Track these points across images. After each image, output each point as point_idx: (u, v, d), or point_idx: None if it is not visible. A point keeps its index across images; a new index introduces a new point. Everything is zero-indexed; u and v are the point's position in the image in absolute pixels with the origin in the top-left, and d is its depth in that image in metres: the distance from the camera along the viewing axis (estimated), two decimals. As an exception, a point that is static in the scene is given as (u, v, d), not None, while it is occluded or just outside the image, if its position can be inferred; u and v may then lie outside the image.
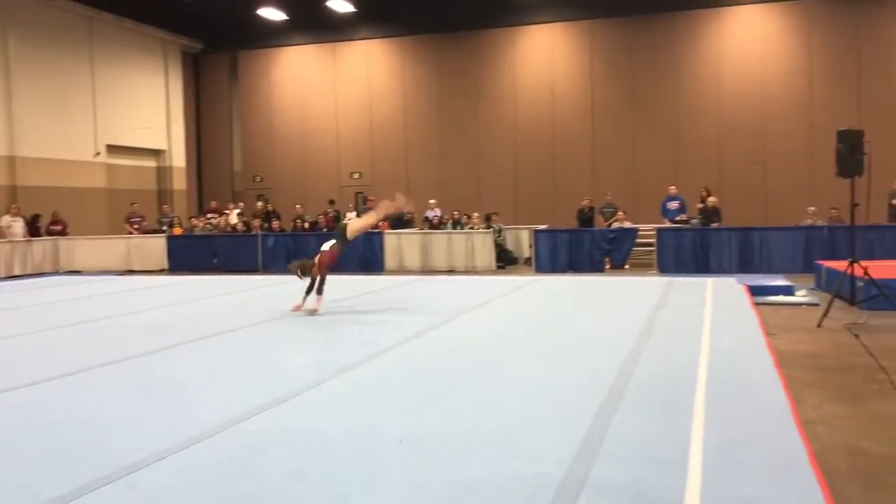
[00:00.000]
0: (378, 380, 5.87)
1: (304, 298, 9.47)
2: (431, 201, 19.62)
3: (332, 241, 9.67)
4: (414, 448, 4.16)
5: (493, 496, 3.47)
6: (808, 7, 20.21)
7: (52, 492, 3.63)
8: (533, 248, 16.12)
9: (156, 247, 18.19)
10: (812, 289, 11.61)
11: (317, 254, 9.60)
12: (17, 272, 17.11)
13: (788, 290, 11.16)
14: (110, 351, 7.25)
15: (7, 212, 17.84)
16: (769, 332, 7.77)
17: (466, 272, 16.00)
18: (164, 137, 23.90)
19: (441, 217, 18.62)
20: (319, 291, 9.39)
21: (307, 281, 9.44)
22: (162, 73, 23.94)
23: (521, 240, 18.44)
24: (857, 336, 7.70)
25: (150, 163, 23.80)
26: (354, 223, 9.80)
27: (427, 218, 18.41)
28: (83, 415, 5.00)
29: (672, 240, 15.03)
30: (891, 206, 16.49)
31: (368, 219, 9.95)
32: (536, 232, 16.16)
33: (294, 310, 9.49)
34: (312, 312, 9.33)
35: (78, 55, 20.96)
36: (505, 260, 17.08)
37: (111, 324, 9.23)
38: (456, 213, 18.52)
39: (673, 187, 17.61)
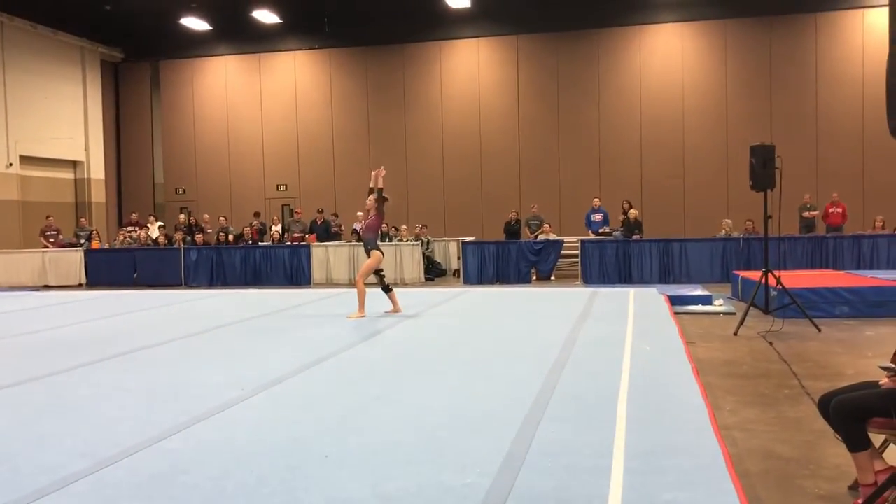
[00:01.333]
0: (302, 394, 5.78)
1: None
2: (359, 213, 19.52)
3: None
4: (339, 463, 4.11)
5: (418, 509, 3.45)
6: (724, 26, 21.00)
7: (-46, 519, 3.45)
8: (461, 259, 16.21)
9: (73, 261, 17.58)
10: (729, 298, 12.01)
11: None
12: (-79, 288, 16.29)
13: (707, 300, 11.51)
14: (20, 370, 6.94)
15: (-90, 225, 16.99)
16: (688, 341, 7.99)
17: (395, 285, 15.93)
18: (82, 148, 23.14)
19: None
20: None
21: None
22: (80, 82, 23.19)
23: (449, 252, 18.52)
24: (770, 343, 8.00)
25: (68, 174, 22.99)
26: (377, 262, 10.31)
27: (355, 230, 18.29)
28: (-9, 437, 4.77)
29: (595, 251, 15.35)
30: (801, 217, 17.23)
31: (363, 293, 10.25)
32: (464, 244, 16.28)
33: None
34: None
35: (-12, 62, 20.15)
36: (433, 272, 17.13)
37: (23, 341, 8.86)
38: (385, 225, 18.46)
39: (597, 200, 18.00)
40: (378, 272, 10.27)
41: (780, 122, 20.20)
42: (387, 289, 10.40)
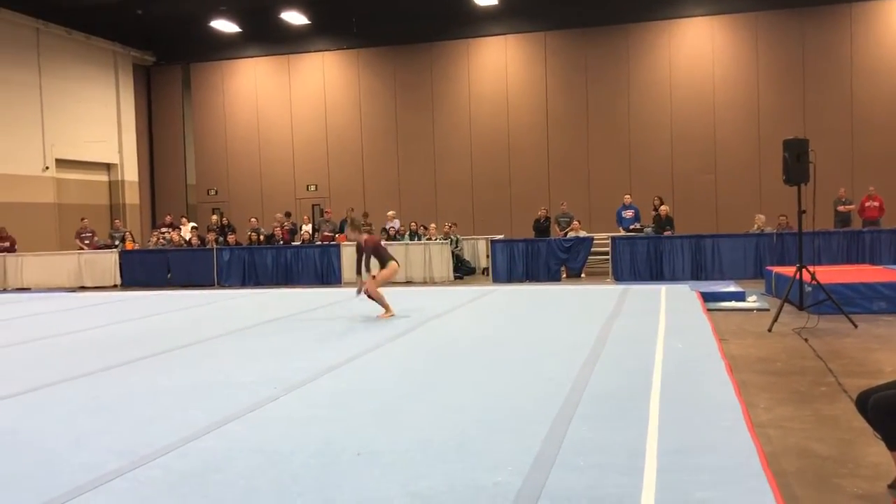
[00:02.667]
0: (334, 393, 5.81)
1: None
2: (390, 213, 19.60)
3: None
4: (370, 461, 4.13)
5: (449, 508, 3.46)
6: (755, 18, 20.73)
7: (-5, 517, 3.52)
8: (490, 258, 16.18)
9: (108, 262, 17.85)
10: (762, 294, 11.85)
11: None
12: (-38, 290, 16.66)
13: (740, 296, 11.37)
14: (58, 370, 7.07)
15: (-49, 229, 17.38)
16: (721, 338, 7.90)
17: (424, 283, 16.00)
18: (116, 151, 23.51)
19: (398, 229, 18.58)
20: (358, 271, 9.84)
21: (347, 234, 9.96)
22: (113, 86, 23.56)
23: (478, 250, 18.51)
24: (805, 340, 7.87)
25: (102, 177, 23.38)
26: (393, 274, 10.17)
27: (385, 229, 18.37)
28: (28, 437, 4.86)
29: (626, 248, 15.23)
30: (836, 212, 16.97)
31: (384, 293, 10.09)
32: (493, 242, 16.24)
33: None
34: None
35: (26, 68, 20.55)
36: (462, 270, 17.12)
37: (60, 342, 9.01)
38: (413, 224, 18.52)
39: (627, 196, 17.87)
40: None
41: (814, 115, 19.90)
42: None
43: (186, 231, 19.64)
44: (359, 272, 9.74)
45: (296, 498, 3.64)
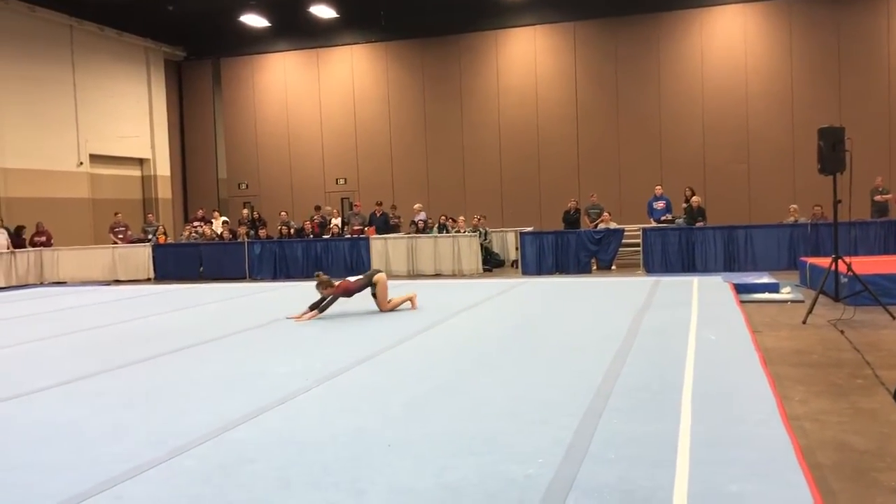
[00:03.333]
0: (365, 385, 5.85)
1: (308, 312, 9.53)
2: (416, 206, 19.62)
3: (360, 276, 9.84)
4: (401, 453, 4.14)
5: (481, 499, 3.46)
6: (788, 6, 20.38)
7: (36, 505, 3.59)
8: (519, 250, 16.14)
9: (141, 256, 18.10)
10: (797, 286, 11.69)
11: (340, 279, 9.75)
12: (1, 284, 16.99)
13: (774, 288, 11.23)
14: (95, 361, 7.19)
15: (-10, 224, 17.74)
16: (755, 330, 7.81)
17: (453, 276, 16.01)
18: (148, 146, 23.81)
19: (427, 221, 18.59)
20: (321, 310, 9.50)
21: (317, 296, 9.59)
22: (145, 82, 23.84)
23: (507, 242, 18.47)
24: (842, 332, 7.76)
25: (135, 172, 23.69)
26: (382, 278, 9.92)
27: (414, 221, 18.40)
28: (67, 427, 4.96)
29: (658, 240, 15.09)
30: (873, 201, 16.66)
31: (392, 301, 10.03)
32: (522, 234, 16.18)
33: (292, 318, 9.53)
34: (295, 318, 9.40)
35: (60, 65, 20.85)
36: (491, 263, 17.10)
37: (96, 334, 9.17)
38: (443, 217, 18.52)
39: (659, 187, 17.69)
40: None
41: (850, 103, 19.53)
42: (315, 306, 9.75)
43: (218, 225, 19.83)
44: (320, 310, 9.63)
45: (328, 488, 3.67)
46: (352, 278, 9.87)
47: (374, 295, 9.89)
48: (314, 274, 9.88)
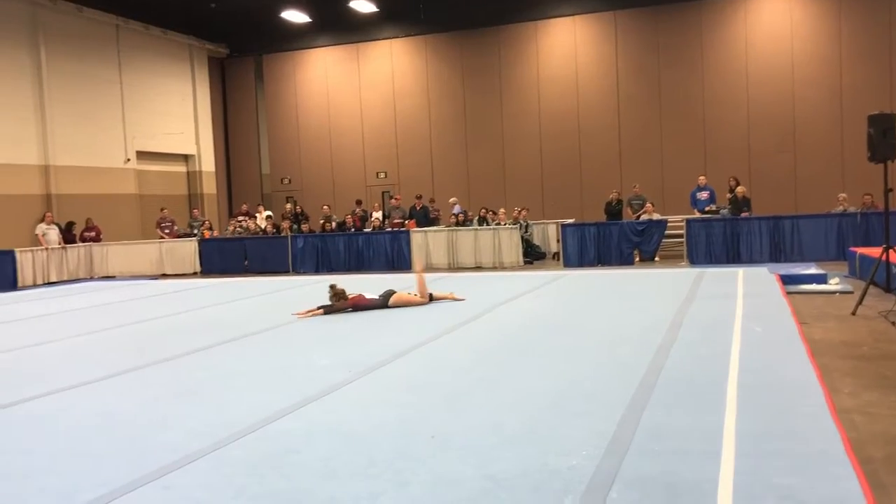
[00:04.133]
0: (407, 377, 5.88)
1: (314, 309, 9.62)
2: (451, 199, 19.62)
3: (374, 297, 9.80)
4: (444, 444, 4.17)
5: (524, 491, 3.46)
6: (836, -10, 19.89)
7: (89, 494, 3.69)
8: (560, 242, 16.05)
9: (187, 250, 18.41)
10: (846, 276, 11.44)
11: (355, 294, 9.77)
12: (53, 279, 17.44)
13: (821, 279, 11.01)
14: (144, 354, 7.36)
15: (42, 220, 18.18)
16: (802, 322, 7.68)
17: (494, 269, 15.99)
18: (193, 142, 24.18)
19: (465, 213, 18.56)
20: (327, 312, 9.52)
21: (331, 302, 9.62)
22: (189, 79, 24.21)
23: (548, 234, 18.38)
24: (893, 323, 7.58)
25: (180, 168, 24.10)
26: (400, 295, 9.93)
27: (455, 214, 18.41)
28: (117, 418, 5.08)
29: (702, 230, 14.88)
30: (926, 190, 16.17)
31: (413, 298, 10.05)
32: (564, 226, 16.08)
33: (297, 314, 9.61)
34: (300, 315, 9.50)
35: (107, 63, 21.27)
36: (532, 255, 17.03)
37: (144, 328, 9.37)
38: (483, 210, 18.50)
39: (702, 177, 17.43)
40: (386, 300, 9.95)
41: (901, 89, 19.00)
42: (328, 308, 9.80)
43: (262, 219, 20.08)
44: (326, 312, 9.68)
45: (372, 479, 3.71)
46: (367, 295, 9.79)
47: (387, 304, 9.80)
48: (329, 285, 9.83)
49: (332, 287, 9.75)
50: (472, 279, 13.49)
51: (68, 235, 18.58)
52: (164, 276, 18.02)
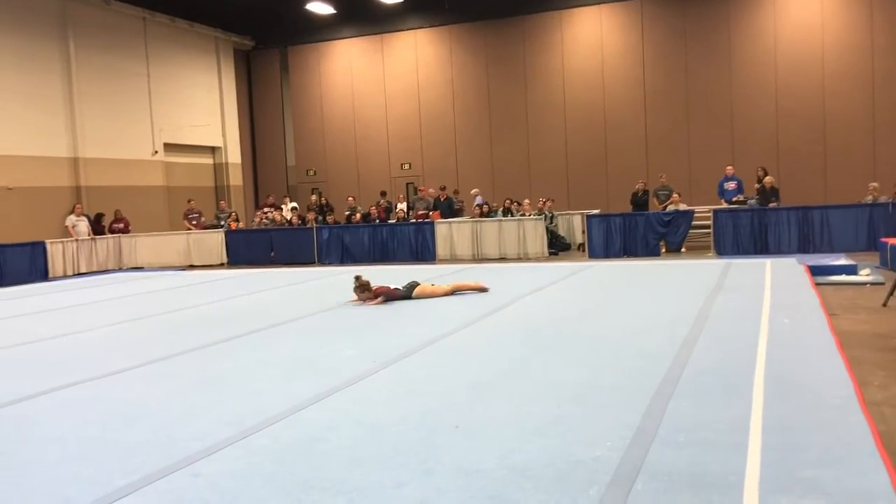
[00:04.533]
0: (431, 368, 5.90)
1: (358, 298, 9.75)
2: (474, 190, 19.59)
3: (398, 287, 9.86)
4: (468, 434, 4.18)
5: (549, 481, 3.47)
6: (868, -23, 19.53)
7: (119, 481, 3.75)
8: (586, 233, 15.97)
9: (214, 242, 18.59)
10: (876, 267, 11.26)
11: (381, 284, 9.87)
12: (83, 270, 17.69)
13: (851, 270, 10.86)
14: (172, 344, 7.45)
15: (72, 211, 18.45)
16: (831, 313, 7.58)
17: (518, 260, 15.96)
18: (219, 134, 24.37)
19: (490, 206, 18.52)
20: (364, 299, 9.66)
21: (356, 293, 9.71)
22: (215, 71, 24.37)
23: (573, 225, 18.30)
24: (924, 315, 7.46)
25: (207, 160, 24.30)
26: (425, 287, 9.97)
27: (479, 205, 18.39)
28: (147, 407, 5.16)
29: (729, 221, 14.73)
30: (960, 180, 15.89)
31: (437, 289, 10.07)
32: (589, 217, 16.00)
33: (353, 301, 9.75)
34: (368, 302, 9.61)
35: (134, 56, 21.48)
36: (557, 246, 16.97)
37: (173, 318, 9.48)
38: (507, 201, 18.45)
39: (730, 167, 17.26)
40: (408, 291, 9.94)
41: (935, 77, 18.64)
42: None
43: (287, 211, 20.21)
44: (408, 294, 9.77)
45: (397, 468, 3.73)
46: (392, 286, 9.86)
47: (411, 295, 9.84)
48: (354, 276, 9.90)
49: (357, 278, 9.80)
50: (497, 270, 13.48)
51: (97, 227, 18.83)
52: (192, 266, 18.21)
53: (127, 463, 4.02)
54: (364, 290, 9.69)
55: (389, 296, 9.71)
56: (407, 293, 9.81)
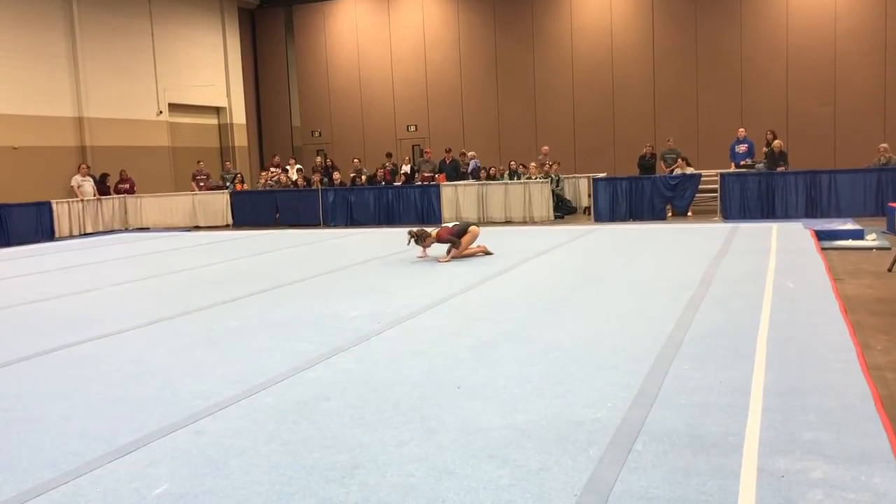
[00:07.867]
0: (435, 329, 5.92)
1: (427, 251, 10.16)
2: (470, 153, 19.42)
3: (456, 223, 10.24)
4: (470, 394, 4.21)
5: (550, 441, 3.49)
6: (883, -64, 19.13)
7: (124, 438, 3.80)
8: (592, 197, 15.90)
9: (220, 203, 18.57)
10: (883, 232, 11.22)
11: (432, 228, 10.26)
12: (88, 230, 17.73)
13: (858, 234, 10.81)
14: (178, 304, 7.49)
15: (77, 171, 18.43)
16: (836, 278, 7.57)
17: (524, 223, 15.93)
18: (224, 95, 24.20)
19: (488, 170, 18.36)
20: (448, 251, 9.91)
21: (412, 246, 10.10)
22: (219, 31, 24.12)
23: (579, 189, 18.22)
24: (930, 280, 7.44)
25: (212, 120, 24.17)
26: (474, 231, 10.11)
27: (472, 170, 18.19)
28: (152, 365, 5.20)
29: (736, 185, 14.64)
30: (970, 144, 15.72)
31: (474, 248, 10.17)
32: (595, 180, 15.92)
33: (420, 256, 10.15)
34: (440, 260, 9.85)
35: (139, 16, 21.26)
36: (563, 210, 16.91)
37: (178, 278, 9.52)
38: (513, 162, 18.35)
39: (742, 130, 17.09)
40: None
41: (949, 40, 18.35)
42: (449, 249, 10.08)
43: (293, 172, 20.14)
44: (454, 244, 9.89)
45: (400, 426, 3.76)
46: (448, 225, 10.22)
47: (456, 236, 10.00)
48: (408, 231, 10.22)
49: (411, 232, 10.11)
50: (502, 233, 13.46)
51: (102, 187, 18.82)
52: (197, 227, 18.22)
53: (132, 420, 4.06)
54: (423, 238, 9.98)
55: (445, 238, 9.87)
56: (463, 230, 10.00)
